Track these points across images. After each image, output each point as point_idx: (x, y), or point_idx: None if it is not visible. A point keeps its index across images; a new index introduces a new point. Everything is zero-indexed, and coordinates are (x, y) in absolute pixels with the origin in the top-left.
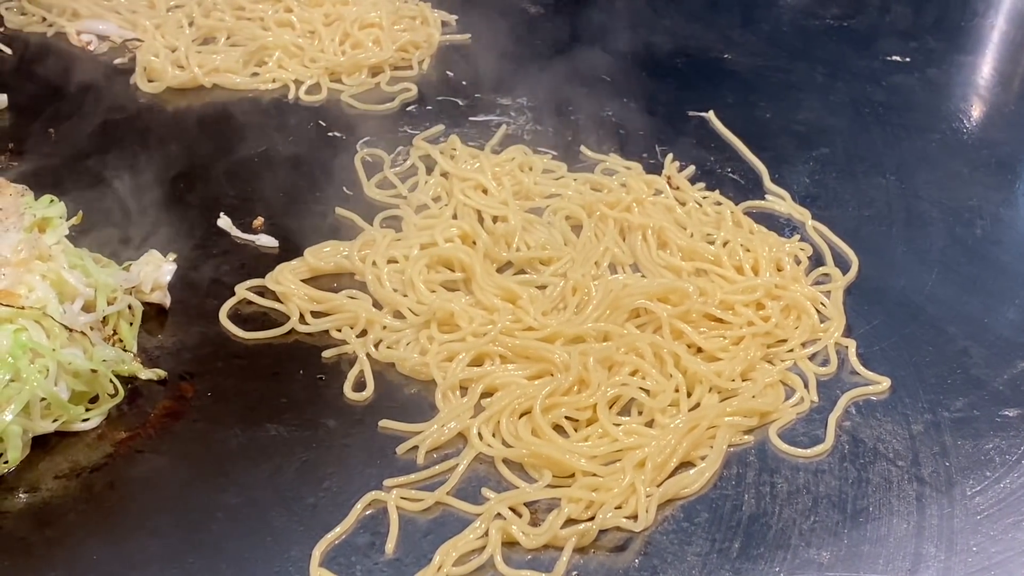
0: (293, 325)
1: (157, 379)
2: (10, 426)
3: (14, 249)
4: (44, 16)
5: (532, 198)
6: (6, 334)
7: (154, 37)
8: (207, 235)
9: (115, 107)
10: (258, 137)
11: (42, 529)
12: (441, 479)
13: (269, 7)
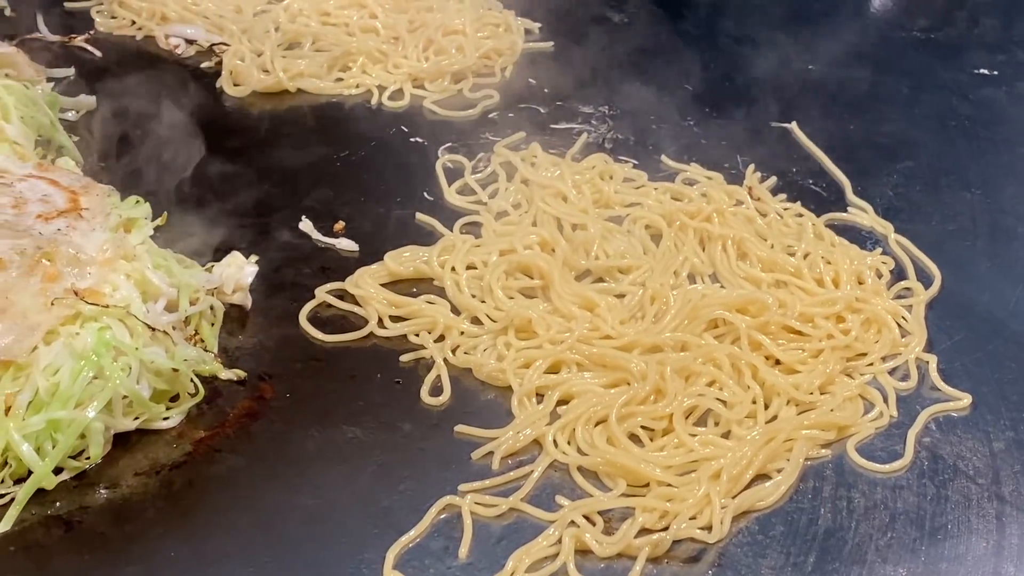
0: (372, 329)
1: (237, 379)
2: (93, 423)
3: (100, 248)
4: (134, 20)
5: (612, 206)
6: (91, 332)
7: (240, 41)
8: (289, 238)
9: (201, 110)
10: (340, 142)
11: (121, 525)
12: (516, 485)
13: (354, 13)
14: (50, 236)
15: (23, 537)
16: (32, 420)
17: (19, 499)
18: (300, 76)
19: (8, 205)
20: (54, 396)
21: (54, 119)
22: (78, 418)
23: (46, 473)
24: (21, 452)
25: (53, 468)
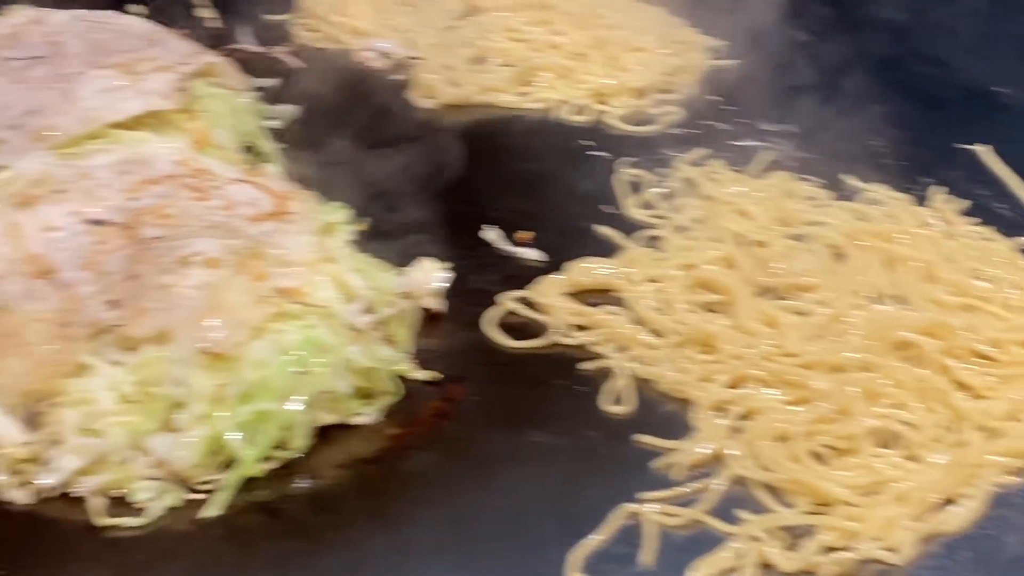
0: (555, 337)
1: (429, 380)
2: (297, 416)
3: (305, 250)
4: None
5: (795, 225)
6: (296, 330)
7: (431, 56)
8: (476, 246)
9: (393, 121)
10: (525, 154)
11: (321, 514)
12: (696, 497)
13: (540, 29)
14: (259, 237)
15: (230, 522)
16: (241, 411)
17: (226, 486)
18: (487, 90)
19: (220, 207)
20: (261, 389)
21: (258, 127)
22: (283, 411)
23: (252, 462)
24: (230, 441)
25: (259, 457)
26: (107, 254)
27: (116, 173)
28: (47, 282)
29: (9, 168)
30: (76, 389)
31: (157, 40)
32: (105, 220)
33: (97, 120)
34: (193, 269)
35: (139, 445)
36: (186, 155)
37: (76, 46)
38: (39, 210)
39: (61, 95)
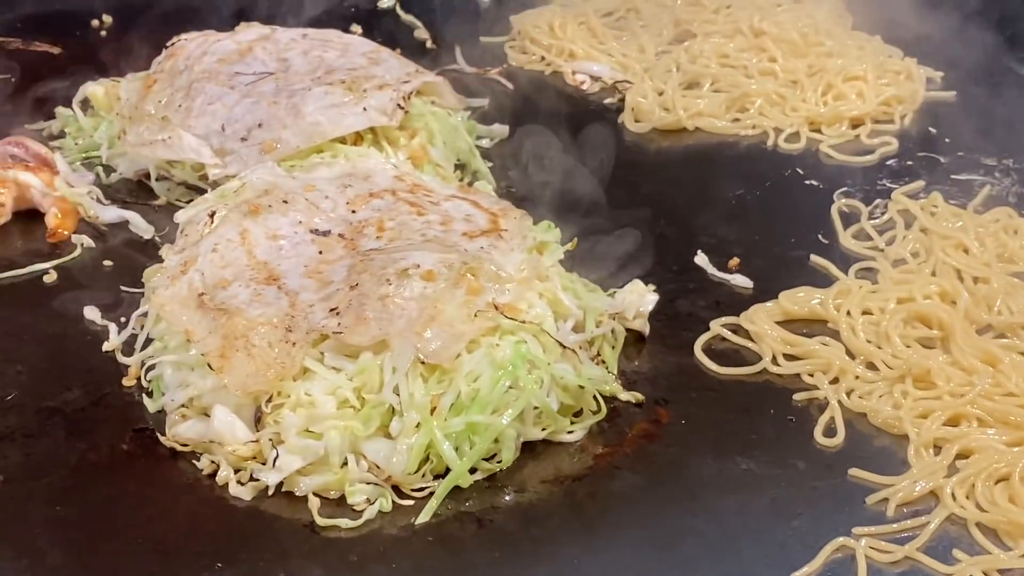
0: (765, 365)
1: (635, 402)
2: (507, 429)
3: (517, 267)
4: (543, 56)
5: (1016, 262)
6: (509, 344)
7: (643, 80)
8: (684, 270)
9: (604, 144)
10: (736, 180)
11: (528, 527)
12: (911, 534)
13: (753, 56)
14: (474, 253)
15: (440, 529)
16: (453, 421)
17: (438, 493)
18: (699, 115)
19: (436, 222)
20: (474, 401)
21: (471, 145)
22: (494, 423)
23: (463, 472)
24: (442, 450)
25: (469, 468)
26: (329, 264)
27: (338, 186)
28: (273, 288)
29: (239, 178)
30: (298, 392)
31: (378, 59)
32: (328, 231)
33: (321, 135)
34: (411, 281)
35: (356, 449)
36: (404, 171)
37: (302, 63)
38: (266, 219)
39: (287, 110)
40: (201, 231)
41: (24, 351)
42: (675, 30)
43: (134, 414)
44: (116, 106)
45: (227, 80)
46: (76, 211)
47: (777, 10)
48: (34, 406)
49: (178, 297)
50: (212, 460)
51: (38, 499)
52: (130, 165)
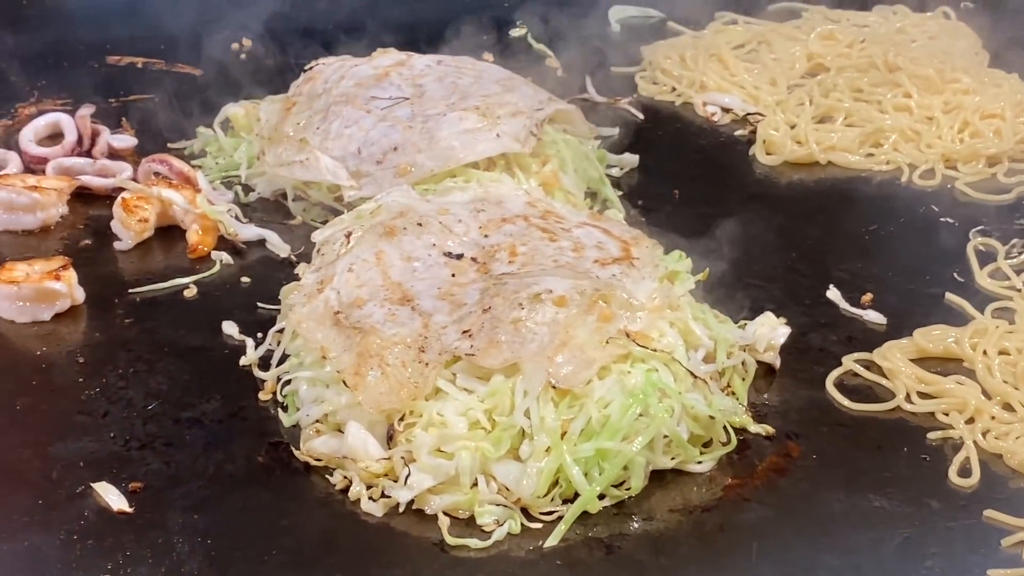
0: (899, 403)
1: (765, 435)
2: (636, 456)
3: (649, 296)
4: (674, 86)
5: None
6: (640, 372)
7: (775, 113)
8: (816, 304)
9: (733, 175)
10: (869, 215)
11: (657, 556)
12: None
13: (888, 91)
14: (606, 280)
15: (568, 553)
16: (583, 447)
17: (567, 518)
18: (832, 149)
19: (568, 248)
20: (604, 427)
21: (602, 173)
22: (624, 450)
23: (592, 497)
24: (572, 475)
25: (598, 494)
26: (462, 286)
27: (471, 210)
28: (407, 308)
29: (375, 200)
30: (430, 412)
31: (511, 86)
32: (461, 254)
33: (455, 159)
34: (543, 306)
35: (486, 470)
36: (536, 197)
37: (437, 89)
38: (401, 240)
39: (422, 134)
40: (337, 251)
41: (165, 363)
42: (807, 64)
43: (269, 428)
44: (256, 127)
45: (364, 104)
46: (216, 228)
47: (912, 46)
48: (174, 416)
49: (314, 315)
50: (345, 475)
51: (177, 507)
52: (268, 185)
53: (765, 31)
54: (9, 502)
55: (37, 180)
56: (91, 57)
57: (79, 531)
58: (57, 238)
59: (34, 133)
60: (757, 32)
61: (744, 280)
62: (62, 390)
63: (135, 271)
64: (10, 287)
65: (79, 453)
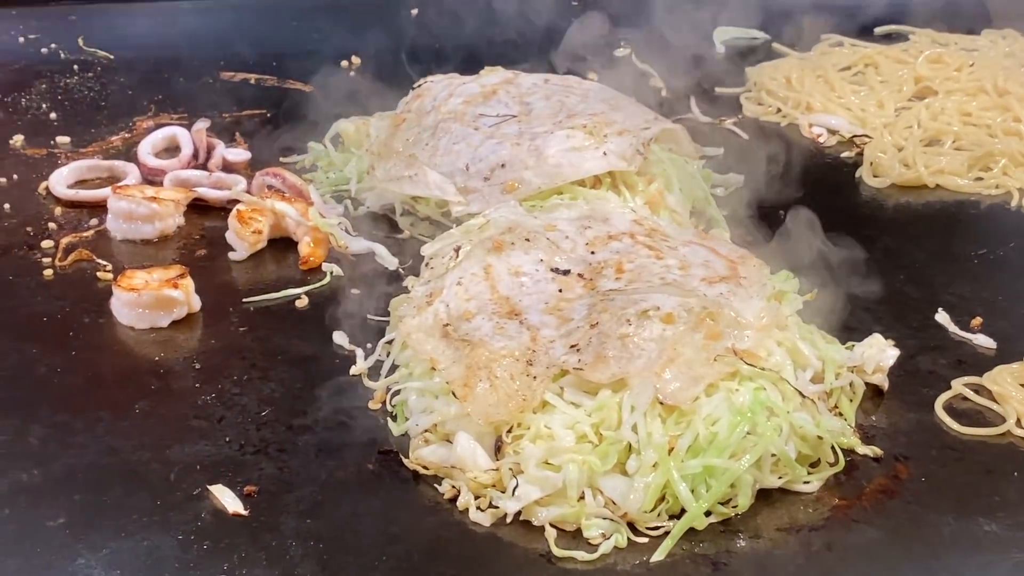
0: (1009, 427)
1: (873, 456)
2: (744, 474)
3: (757, 315)
4: (780, 107)
5: None
6: (748, 390)
7: (883, 135)
8: (924, 327)
9: (840, 197)
10: (977, 239)
11: (763, 574)
12: None
13: (997, 115)
14: (713, 298)
15: (674, 569)
16: (691, 463)
17: (673, 534)
18: (940, 173)
19: (675, 266)
20: (711, 444)
21: (707, 193)
22: (731, 468)
23: (699, 514)
24: (679, 491)
25: (705, 510)
26: (569, 302)
27: (578, 227)
28: (515, 322)
29: (483, 215)
30: (538, 424)
31: (618, 105)
32: (568, 270)
33: (562, 177)
34: (651, 322)
35: (593, 484)
36: (642, 215)
37: (544, 107)
38: (509, 255)
39: (530, 152)
40: (446, 264)
41: (278, 371)
42: (915, 86)
43: (379, 436)
44: (366, 143)
45: (472, 121)
46: (327, 241)
47: (1022, 70)
48: (286, 423)
49: (424, 327)
50: (453, 485)
51: (290, 511)
52: (377, 199)
53: (872, 53)
54: (129, 502)
55: (155, 191)
56: (205, 73)
57: (196, 532)
58: (174, 248)
59: (152, 146)
60: (864, 54)
61: (851, 302)
62: (179, 395)
63: (248, 281)
64: (130, 294)
65: (196, 456)
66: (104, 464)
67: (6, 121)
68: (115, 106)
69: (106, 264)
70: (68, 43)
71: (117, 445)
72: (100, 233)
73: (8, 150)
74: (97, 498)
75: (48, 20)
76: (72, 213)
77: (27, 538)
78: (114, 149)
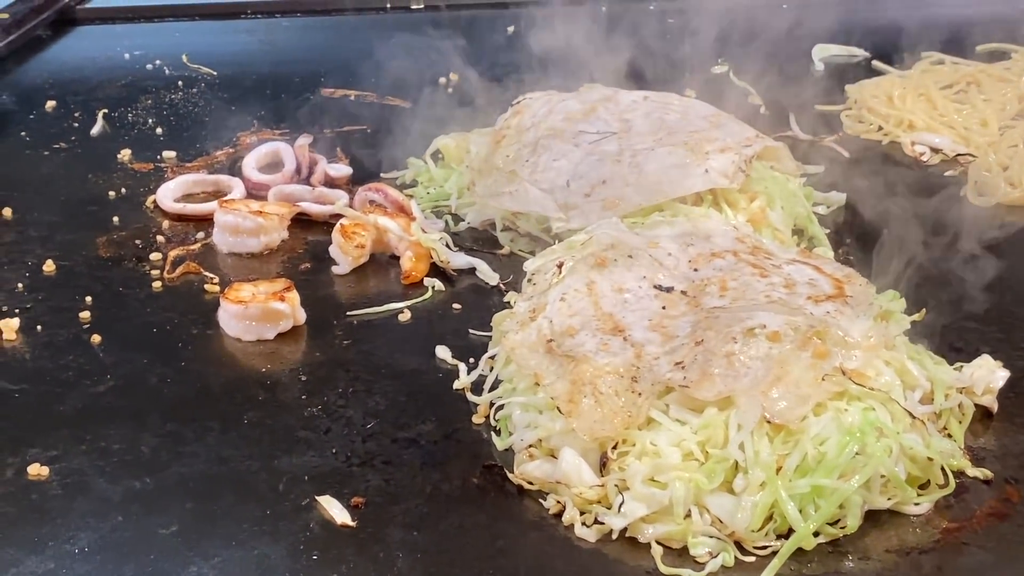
0: None
1: (983, 478)
2: (852, 495)
3: (864, 334)
4: (881, 125)
5: None
6: (857, 410)
7: (987, 154)
8: None
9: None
10: None
11: None
12: None
13: None
14: (820, 316)
15: None
16: (799, 483)
17: (781, 553)
18: None
19: (780, 284)
20: (820, 464)
21: (809, 211)
22: (840, 488)
23: (807, 534)
24: (787, 510)
25: (813, 531)
26: (673, 319)
27: (680, 244)
28: (618, 339)
29: (585, 232)
30: (643, 441)
31: (718, 122)
32: (671, 287)
33: (664, 194)
34: (757, 340)
35: (699, 502)
36: (745, 232)
37: (644, 124)
38: (612, 272)
39: (630, 168)
40: (549, 280)
41: (382, 384)
42: (1019, 105)
43: (483, 450)
44: (466, 159)
45: (572, 138)
46: (429, 256)
47: None
48: (391, 435)
49: (527, 342)
50: (558, 500)
51: (397, 523)
52: (477, 215)
53: (974, 72)
54: (239, 511)
55: (260, 206)
56: (306, 89)
57: (305, 542)
58: (278, 261)
59: (256, 161)
60: (966, 73)
61: (958, 322)
62: (286, 406)
63: (351, 295)
64: (238, 306)
65: (303, 467)
66: (214, 473)
67: (114, 136)
68: (219, 121)
69: (213, 277)
70: (172, 60)
71: (227, 454)
72: (206, 246)
73: (116, 164)
74: (208, 507)
75: (153, 37)
76: (179, 226)
77: (141, 545)
78: (218, 163)
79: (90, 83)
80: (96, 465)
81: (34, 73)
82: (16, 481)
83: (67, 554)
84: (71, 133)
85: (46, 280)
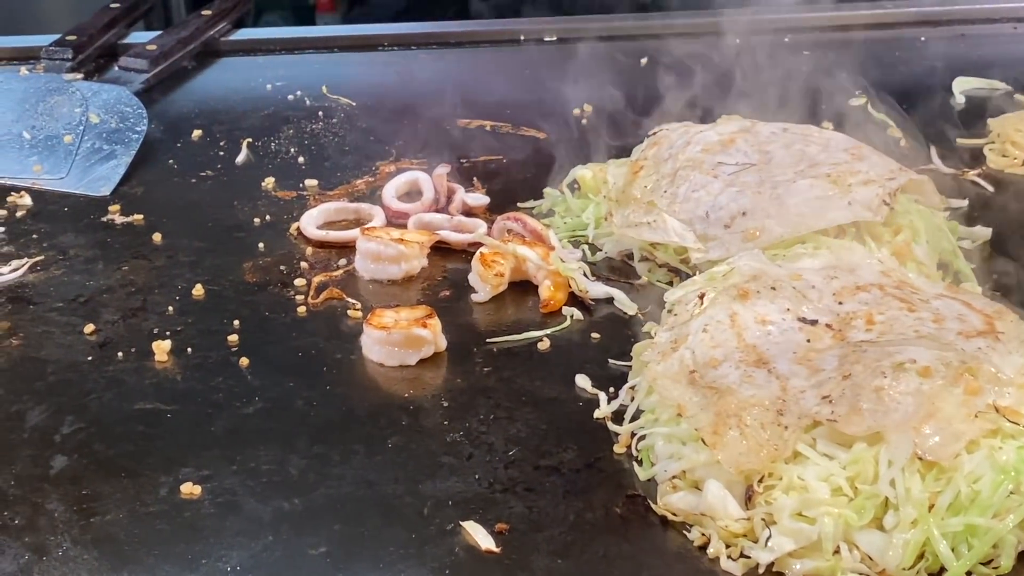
0: None
1: None
2: (1007, 535)
3: (1017, 371)
4: None
5: None
6: (1011, 448)
7: None
8: None
9: None
10: None
11: None
12: None
13: None
14: (971, 352)
15: None
16: (951, 521)
17: None
18: None
19: (928, 319)
20: (973, 503)
21: (955, 245)
22: (995, 527)
23: (960, 573)
24: (939, 549)
25: (966, 570)
26: (818, 352)
27: (824, 277)
28: (763, 371)
29: (727, 263)
30: (790, 475)
31: (861, 155)
32: (816, 320)
33: (806, 226)
34: (907, 375)
35: (848, 538)
36: (890, 266)
37: (784, 156)
38: (755, 304)
39: (771, 200)
40: (691, 311)
41: (523, 411)
42: None
43: (625, 480)
44: (603, 189)
45: (710, 169)
46: (567, 285)
47: None
48: (533, 463)
49: (669, 372)
50: (703, 532)
51: (542, 551)
52: (615, 245)
53: None
54: (386, 534)
55: (401, 234)
56: (442, 119)
57: (451, 566)
58: (418, 288)
59: (395, 190)
60: None
61: None
62: (429, 431)
63: (490, 322)
64: (381, 332)
65: (447, 492)
66: (361, 496)
67: (258, 164)
68: (358, 150)
69: (356, 303)
70: (313, 90)
71: (372, 478)
72: (348, 273)
73: (260, 192)
74: (355, 529)
75: (293, 68)
76: (322, 253)
77: (292, 565)
78: (358, 192)
79: (234, 113)
80: (247, 485)
81: (180, 103)
82: (170, 499)
83: (220, 572)
84: (217, 161)
85: (196, 304)
